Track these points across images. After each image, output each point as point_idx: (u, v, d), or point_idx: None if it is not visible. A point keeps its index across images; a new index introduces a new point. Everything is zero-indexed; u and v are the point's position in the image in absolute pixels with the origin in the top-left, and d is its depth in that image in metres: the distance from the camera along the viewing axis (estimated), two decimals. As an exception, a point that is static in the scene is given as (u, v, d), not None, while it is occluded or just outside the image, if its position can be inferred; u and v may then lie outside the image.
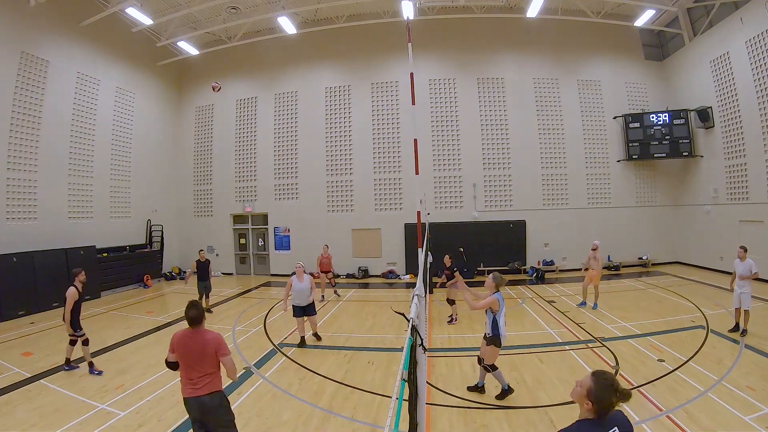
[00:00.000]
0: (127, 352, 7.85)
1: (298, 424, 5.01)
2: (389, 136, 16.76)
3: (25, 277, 11.20)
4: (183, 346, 3.71)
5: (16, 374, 6.74)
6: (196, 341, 3.69)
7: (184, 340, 3.73)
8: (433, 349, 7.52)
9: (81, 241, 13.29)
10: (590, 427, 2.10)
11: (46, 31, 12.64)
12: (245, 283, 16.11)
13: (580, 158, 16.39)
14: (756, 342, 7.11)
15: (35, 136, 12.36)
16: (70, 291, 6.68)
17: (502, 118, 16.44)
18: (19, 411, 5.45)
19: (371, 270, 16.59)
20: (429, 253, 10.44)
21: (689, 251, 15.88)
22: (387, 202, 16.75)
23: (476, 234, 15.66)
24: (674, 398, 5.27)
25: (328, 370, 6.75)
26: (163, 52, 17.12)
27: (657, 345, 7.30)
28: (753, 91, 12.52)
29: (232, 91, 18.19)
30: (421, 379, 2.97)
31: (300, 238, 17.22)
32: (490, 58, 16.71)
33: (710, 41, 14.17)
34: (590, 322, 9.03)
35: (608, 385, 2.11)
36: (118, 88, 15.55)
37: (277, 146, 17.61)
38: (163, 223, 17.30)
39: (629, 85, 16.61)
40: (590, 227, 16.03)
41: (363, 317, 10.33)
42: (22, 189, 12.05)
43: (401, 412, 2.28)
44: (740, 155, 13.33)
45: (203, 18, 15.71)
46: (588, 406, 2.12)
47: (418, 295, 3.70)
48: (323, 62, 17.34)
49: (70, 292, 6.67)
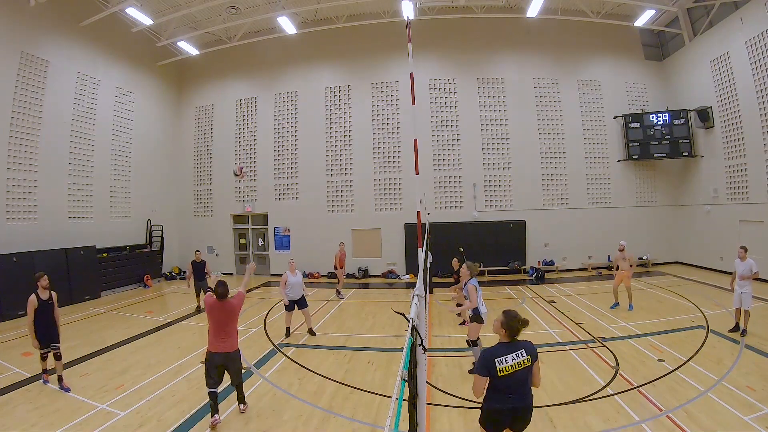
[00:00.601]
0: (127, 352, 7.84)
1: (298, 424, 5.01)
2: (389, 136, 16.76)
3: (25, 277, 11.13)
4: (216, 311, 5.00)
5: (16, 374, 6.74)
6: (225, 309, 5.02)
7: (216, 308, 5.00)
8: (433, 349, 7.52)
9: (81, 241, 13.29)
10: (505, 346, 3.31)
11: (46, 31, 12.64)
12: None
13: (580, 158, 16.39)
14: (756, 342, 7.11)
15: (35, 136, 12.35)
16: (30, 299, 5.96)
17: (502, 118, 16.44)
18: (19, 411, 5.44)
19: (371, 270, 16.60)
20: (429, 253, 10.44)
21: (689, 251, 15.88)
22: (387, 202, 16.75)
23: (476, 234, 15.66)
24: (674, 398, 5.26)
25: (328, 370, 6.75)
26: (163, 52, 17.12)
27: (657, 345, 7.30)
28: (753, 91, 12.52)
29: (232, 91, 18.20)
30: (421, 379, 2.97)
31: (300, 238, 17.22)
32: (490, 58, 16.71)
33: (710, 41, 14.17)
34: (590, 322, 9.03)
35: (513, 317, 3.32)
36: (118, 88, 15.55)
37: (277, 146, 17.61)
38: (163, 223, 17.30)
39: (629, 85, 16.61)
40: (590, 227, 16.06)
41: (363, 317, 10.33)
42: (22, 189, 12.04)
43: (401, 412, 2.28)
44: (740, 155, 13.33)
45: (203, 18, 15.71)
46: (503, 333, 3.34)
47: (418, 295, 3.70)
48: (323, 62, 17.34)
49: (29, 300, 5.95)
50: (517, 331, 3.30)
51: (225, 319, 5.00)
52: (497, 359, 3.20)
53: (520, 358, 3.23)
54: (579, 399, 5.40)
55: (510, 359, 3.21)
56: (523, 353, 3.26)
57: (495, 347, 3.32)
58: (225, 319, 5.00)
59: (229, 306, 5.03)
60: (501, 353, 3.24)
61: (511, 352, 3.25)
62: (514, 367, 3.20)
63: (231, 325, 5.04)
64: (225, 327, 4.99)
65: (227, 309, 5.02)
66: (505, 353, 3.24)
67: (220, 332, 4.98)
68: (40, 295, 6.05)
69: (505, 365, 3.18)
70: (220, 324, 4.99)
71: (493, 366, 3.19)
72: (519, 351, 3.26)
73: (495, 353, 3.25)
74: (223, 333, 4.98)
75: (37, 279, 6.07)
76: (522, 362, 3.23)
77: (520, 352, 3.26)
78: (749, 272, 7.40)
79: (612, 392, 5.54)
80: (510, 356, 3.22)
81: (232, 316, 5.06)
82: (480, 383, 3.24)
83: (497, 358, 3.21)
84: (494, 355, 3.23)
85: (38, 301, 6.01)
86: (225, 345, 4.98)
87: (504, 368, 3.17)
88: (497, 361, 3.19)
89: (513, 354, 3.24)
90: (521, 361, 3.23)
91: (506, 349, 3.27)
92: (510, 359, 3.21)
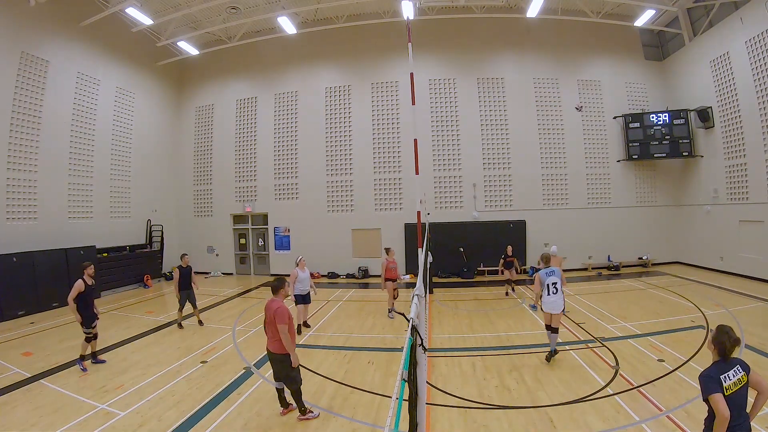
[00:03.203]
0: (127, 352, 7.85)
1: (298, 424, 5.01)
2: (389, 136, 16.76)
3: (25, 277, 11.20)
4: (266, 308, 5.06)
5: (16, 374, 6.74)
6: (269, 307, 5.01)
7: (267, 304, 5.08)
8: (433, 349, 7.52)
9: (81, 241, 13.29)
10: (722, 364, 2.98)
11: (46, 31, 12.64)
12: (245, 283, 16.11)
13: (580, 158, 16.39)
14: (756, 342, 7.11)
15: (35, 136, 12.36)
16: (77, 283, 6.89)
17: (502, 118, 16.45)
18: (19, 411, 5.44)
19: (371, 270, 16.59)
20: (429, 253, 10.43)
21: (689, 251, 15.87)
22: (387, 202, 16.75)
23: (476, 234, 15.66)
24: (674, 398, 5.26)
25: (328, 370, 6.75)
26: (163, 52, 17.12)
27: (657, 345, 7.30)
28: (753, 91, 12.52)
29: (232, 91, 18.21)
30: (421, 379, 2.97)
31: (300, 238, 17.22)
32: (490, 58, 16.71)
33: (710, 41, 14.17)
34: (590, 322, 9.03)
35: (724, 332, 3.02)
36: (118, 88, 15.55)
37: (277, 146, 17.61)
38: (163, 223, 17.30)
39: (629, 85, 16.61)
40: (590, 227, 16.06)
41: (363, 317, 10.33)
42: (22, 189, 12.05)
43: (401, 412, 2.28)
44: (740, 155, 13.33)
45: (203, 18, 15.71)
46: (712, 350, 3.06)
47: (418, 295, 3.70)
48: (323, 62, 17.34)
49: (76, 284, 6.88)
50: (729, 350, 2.99)
51: (267, 318, 5.02)
52: (722, 375, 2.92)
53: (738, 374, 2.94)
54: (579, 399, 5.40)
55: (732, 375, 2.92)
56: (738, 369, 2.96)
57: (713, 367, 3.00)
58: (267, 318, 5.02)
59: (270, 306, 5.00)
60: (725, 370, 2.94)
61: (730, 368, 2.95)
62: (737, 384, 2.91)
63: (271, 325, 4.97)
64: (268, 326, 5.02)
65: (269, 309, 5.00)
66: (727, 370, 2.94)
67: (267, 329, 5.08)
68: (86, 281, 6.95)
69: (729, 382, 2.89)
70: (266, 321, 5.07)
71: (721, 383, 2.89)
72: (735, 367, 2.96)
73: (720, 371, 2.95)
74: (268, 331, 5.06)
75: (84, 267, 7.06)
76: (741, 379, 2.93)
77: (736, 369, 2.96)
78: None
79: (612, 392, 5.54)
80: (731, 372, 2.93)
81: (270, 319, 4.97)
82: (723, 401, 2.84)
83: (722, 375, 2.92)
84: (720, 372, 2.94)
85: (85, 285, 6.92)
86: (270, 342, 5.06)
87: (729, 386, 2.88)
88: (723, 378, 2.90)
89: (732, 371, 2.94)
90: (740, 378, 2.93)
91: (727, 367, 2.96)
92: (732, 375, 2.92)
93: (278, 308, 4.85)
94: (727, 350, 2.96)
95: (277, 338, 4.89)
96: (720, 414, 2.78)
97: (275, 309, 4.86)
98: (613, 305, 10.33)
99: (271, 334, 4.97)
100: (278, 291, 5.08)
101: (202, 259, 17.82)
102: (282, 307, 4.89)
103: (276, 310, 4.85)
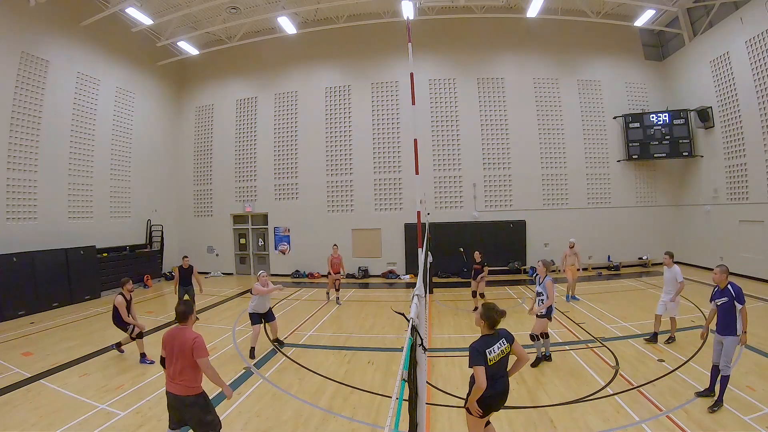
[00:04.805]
0: (127, 352, 7.83)
1: (298, 424, 5.01)
2: (389, 136, 16.76)
3: (25, 277, 11.19)
4: (168, 339, 3.92)
5: (16, 374, 6.73)
6: (178, 337, 3.85)
7: (171, 335, 3.94)
8: (433, 349, 7.51)
9: (81, 241, 13.28)
10: (488, 337, 3.60)
11: (46, 31, 12.63)
12: (245, 283, 16.10)
13: (580, 158, 16.39)
14: (756, 342, 7.11)
15: (35, 136, 12.35)
16: (117, 299, 7.25)
17: (502, 118, 16.44)
18: (19, 411, 5.44)
19: (371, 270, 16.59)
20: (429, 253, 10.43)
21: (689, 251, 15.85)
22: (387, 202, 16.75)
23: (476, 234, 15.64)
24: (674, 398, 5.27)
25: (328, 370, 6.75)
26: (163, 52, 17.12)
27: (657, 345, 7.30)
28: (753, 91, 12.51)
29: (232, 91, 18.20)
30: (421, 379, 2.97)
31: (300, 238, 17.23)
32: (490, 58, 16.70)
33: (710, 41, 14.17)
34: (590, 322, 9.03)
35: (491, 308, 3.62)
36: (118, 88, 15.54)
37: (277, 146, 17.61)
38: (163, 223, 17.30)
39: (629, 85, 16.61)
40: (590, 227, 16.04)
41: (363, 317, 10.32)
42: (22, 189, 12.04)
43: (401, 412, 2.28)
44: (740, 155, 13.33)
45: (203, 18, 15.71)
46: (483, 324, 3.62)
47: (418, 295, 3.71)
48: (323, 62, 17.34)
49: (117, 300, 7.24)
50: (497, 322, 3.62)
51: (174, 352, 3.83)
52: (488, 350, 3.50)
53: (502, 346, 3.58)
54: (579, 399, 5.40)
55: (496, 348, 3.54)
56: (503, 342, 3.61)
57: (481, 340, 3.60)
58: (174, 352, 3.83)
59: (181, 337, 3.83)
60: (490, 344, 3.55)
61: (496, 342, 3.57)
62: (500, 355, 3.54)
63: (181, 360, 3.79)
64: (174, 361, 3.83)
65: (179, 340, 3.82)
66: (492, 344, 3.55)
67: (169, 367, 3.87)
68: (125, 296, 7.28)
69: (493, 355, 3.50)
70: (169, 356, 3.88)
71: (486, 356, 3.48)
72: (501, 340, 3.60)
73: (486, 344, 3.55)
74: (171, 369, 3.84)
75: (123, 284, 7.41)
76: (504, 350, 3.58)
77: (501, 341, 3.60)
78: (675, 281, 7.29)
79: (612, 392, 5.54)
80: (495, 346, 3.55)
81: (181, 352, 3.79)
82: (483, 373, 3.41)
83: (488, 349, 3.51)
84: (486, 346, 3.52)
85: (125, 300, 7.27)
86: (173, 384, 3.84)
87: (492, 358, 3.49)
88: (488, 352, 3.49)
89: (497, 343, 3.57)
90: (504, 349, 3.58)
91: (492, 340, 3.58)
92: (496, 348, 3.54)
93: (195, 338, 3.80)
94: (495, 323, 3.60)
95: (186, 377, 3.78)
96: (478, 383, 3.34)
97: (191, 340, 3.78)
98: (613, 305, 10.33)
99: (179, 372, 3.78)
100: (188, 318, 3.96)
101: (202, 259, 17.81)
102: (199, 338, 3.84)
103: (194, 341, 3.78)
